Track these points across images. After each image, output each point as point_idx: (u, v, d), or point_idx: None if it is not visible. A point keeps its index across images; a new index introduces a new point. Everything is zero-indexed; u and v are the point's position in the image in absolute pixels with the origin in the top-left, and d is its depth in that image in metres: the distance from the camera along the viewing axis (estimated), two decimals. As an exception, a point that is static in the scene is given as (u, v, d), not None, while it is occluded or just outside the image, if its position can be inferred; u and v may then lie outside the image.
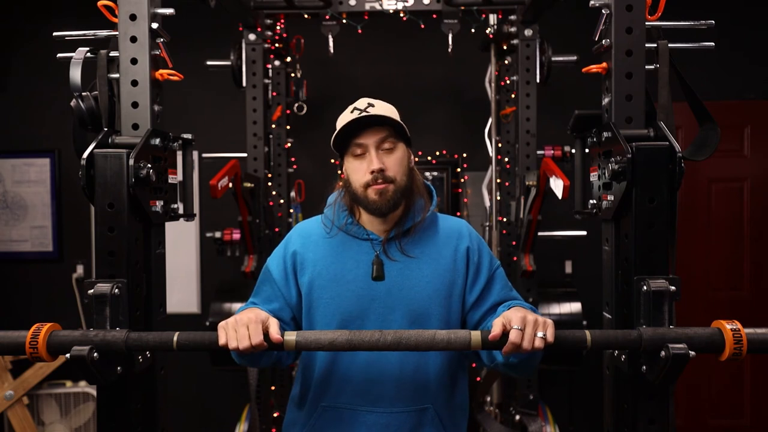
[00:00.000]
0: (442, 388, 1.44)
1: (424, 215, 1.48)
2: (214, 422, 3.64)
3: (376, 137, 1.42)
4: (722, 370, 3.59)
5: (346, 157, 1.47)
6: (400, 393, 1.41)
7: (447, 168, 3.54)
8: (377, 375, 1.40)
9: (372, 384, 1.40)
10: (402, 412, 1.41)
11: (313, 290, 1.44)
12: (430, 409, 1.43)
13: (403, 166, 1.45)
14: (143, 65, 1.36)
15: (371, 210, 1.43)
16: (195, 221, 3.57)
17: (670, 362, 1.15)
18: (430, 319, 1.41)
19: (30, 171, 3.65)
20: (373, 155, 1.41)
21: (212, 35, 3.33)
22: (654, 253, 1.28)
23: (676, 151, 1.26)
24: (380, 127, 1.43)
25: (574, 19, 2.52)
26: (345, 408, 1.42)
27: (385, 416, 1.40)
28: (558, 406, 3.27)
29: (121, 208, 1.28)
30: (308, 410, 1.46)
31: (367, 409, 1.41)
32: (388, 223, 1.46)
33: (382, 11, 2.90)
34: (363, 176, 1.42)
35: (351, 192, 1.46)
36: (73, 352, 1.16)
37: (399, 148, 1.45)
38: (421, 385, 1.42)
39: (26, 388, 3.29)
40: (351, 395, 1.41)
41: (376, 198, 1.41)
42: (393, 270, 1.43)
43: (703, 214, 3.64)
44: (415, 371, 1.41)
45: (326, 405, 1.43)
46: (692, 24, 1.42)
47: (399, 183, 1.43)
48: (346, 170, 1.48)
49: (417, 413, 1.42)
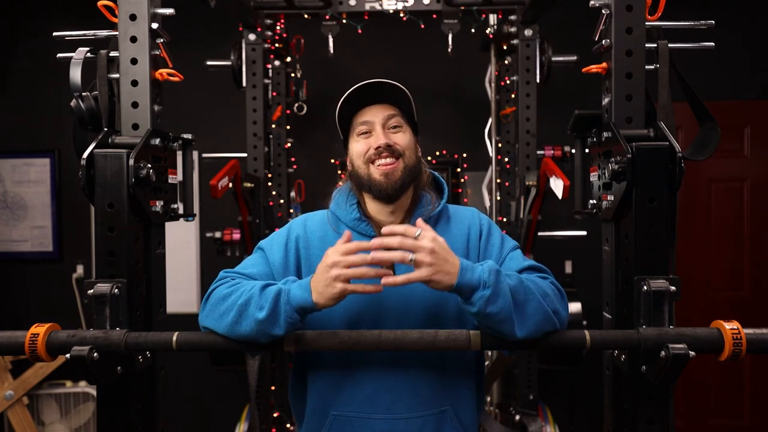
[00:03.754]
0: (462, 388, 1.36)
1: (434, 207, 1.39)
2: (214, 422, 3.64)
3: (382, 114, 1.35)
4: (722, 370, 3.59)
5: (350, 138, 1.39)
6: (417, 398, 1.31)
7: (447, 168, 3.54)
8: (392, 381, 1.31)
9: (386, 390, 1.31)
10: (419, 416, 1.31)
11: None
12: (449, 410, 1.34)
13: (412, 144, 1.37)
14: (143, 65, 1.36)
15: (376, 192, 1.34)
16: (195, 221, 3.57)
17: (670, 362, 1.15)
18: (447, 317, 1.32)
19: (30, 171, 3.65)
20: (379, 131, 1.33)
21: (212, 35, 3.33)
22: (654, 253, 1.28)
23: (676, 151, 1.26)
24: (388, 104, 1.36)
25: (574, 19, 2.52)
26: (356, 417, 1.32)
27: (402, 423, 1.30)
28: (558, 406, 3.27)
29: (121, 208, 1.28)
30: (318, 420, 1.35)
31: (381, 417, 1.31)
32: (395, 213, 1.38)
33: (382, 11, 2.90)
34: (366, 152, 1.33)
35: (355, 176, 1.37)
36: (73, 352, 1.16)
37: (407, 129, 1.38)
38: (440, 387, 1.33)
39: (26, 388, 3.29)
40: (362, 403, 1.31)
41: (382, 179, 1.32)
42: (403, 268, 1.29)
43: (703, 214, 3.64)
44: (434, 373, 1.32)
45: (337, 414, 1.33)
46: (692, 24, 1.42)
47: (408, 161, 1.34)
48: (350, 152, 1.39)
49: (436, 416, 1.32)
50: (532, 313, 1.19)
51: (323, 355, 1.34)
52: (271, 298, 1.18)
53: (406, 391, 1.31)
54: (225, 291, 1.25)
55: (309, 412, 1.38)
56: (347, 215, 1.38)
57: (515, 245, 1.40)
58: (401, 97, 1.37)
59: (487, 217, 1.46)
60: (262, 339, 1.19)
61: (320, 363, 1.35)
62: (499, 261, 1.36)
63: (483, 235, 1.39)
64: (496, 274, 1.17)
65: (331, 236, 1.37)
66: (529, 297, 1.19)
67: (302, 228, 1.40)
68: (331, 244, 1.33)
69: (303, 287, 1.19)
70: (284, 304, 1.17)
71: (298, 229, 1.40)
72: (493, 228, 1.42)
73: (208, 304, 1.27)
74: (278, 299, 1.18)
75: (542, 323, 1.20)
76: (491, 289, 1.14)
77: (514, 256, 1.37)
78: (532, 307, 1.19)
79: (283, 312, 1.17)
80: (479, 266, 1.19)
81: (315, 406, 1.36)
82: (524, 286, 1.20)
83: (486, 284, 1.15)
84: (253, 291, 1.21)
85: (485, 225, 1.41)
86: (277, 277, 1.34)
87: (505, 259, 1.36)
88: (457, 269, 1.16)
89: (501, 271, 1.19)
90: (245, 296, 1.20)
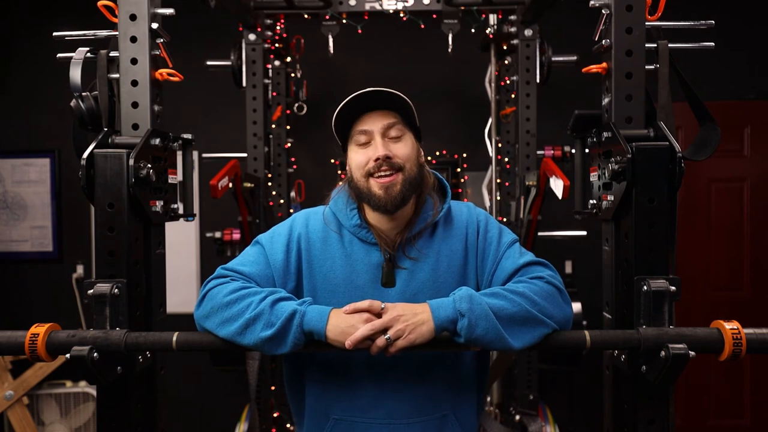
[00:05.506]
0: (463, 392, 1.36)
1: (436, 213, 1.35)
2: (214, 422, 3.64)
3: (382, 123, 1.30)
4: (722, 370, 3.59)
5: (349, 147, 1.35)
6: (417, 402, 1.31)
7: (447, 168, 3.54)
8: (393, 385, 1.30)
9: (388, 395, 1.30)
10: (420, 421, 1.31)
11: (317, 294, 1.32)
12: (450, 415, 1.33)
13: (413, 155, 1.32)
14: (143, 65, 1.36)
15: (375, 206, 1.30)
16: (195, 221, 3.57)
17: (670, 362, 1.15)
18: None
19: (30, 171, 3.65)
20: (379, 142, 1.29)
21: (212, 35, 3.33)
22: (654, 253, 1.28)
23: (676, 151, 1.26)
24: (387, 111, 1.31)
25: (574, 19, 2.52)
26: (358, 421, 1.31)
27: (403, 427, 1.30)
28: (558, 406, 3.27)
29: (121, 208, 1.28)
30: (319, 422, 1.34)
31: (382, 422, 1.30)
32: (397, 221, 1.34)
33: (382, 11, 2.90)
34: (365, 165, 1.29)
35: (354, 186, 1.33)
36: (72, 352, 1.16)
37: (408, 137, 1.33)
38: (441, 392, 1.32)
39: (26, 388, 3.29)
40: (364, 407, 1.30)
41: (381, 193, 1.28)
42: (404, 275, 1.31)
43: (703, 214, 3.64)
44: (435, 377, 1.32)
45: (338, 418, 1.32)
46: (692, 24, 1.42)
47: (408, 173, 1.30)
48: (349, 162, 1.35)
49: (437, 421, 1.32)
50: (521, 323, 1.19)
51: (319, 354, 1.33)
52: (283, 317, 1.17)
53: (407, 396, 1.31)
54: (228, 297, 1.22)
55: (308, 413, 1.37)
56: (348, 221, 1.36)
57: (513, 239, 1.37)
58: (402, 103, 1.32)
59: (484, 212, 1.43)
60: (263, 352, 1.20)
61: (317, 362, 1.34)
62: (497, 260, 1.34)
63: (480, 234, 1.37)
64: (468, 300, 1.17)
65: (331, 237, 1.36)
66: (516, 310, 1.19)
67: (304, 226, 1.38)
68: (333, 247, 1.34)
69: (322, 315, 1.18)
70: (296, 326, 1.17)
71: (300, 227, 1.37)
72: (490, 223, 1.39)
73: (206, 303, 1.25)
74: (291, 320, 1.17)
75: (535, 331, 1.20)
76: (466, 317, 1.16)
77: (511, 254, 1.34)
78: (520, 318, 1.19)
79: (292, 334, 1.17)
80: (450, 298, 1.20)
81: (314, 407, 1.35)
82: (509, 299, 1.20)
83: (462, 313, 1.16)
84: (263, 306, 1.19)
85: (482, 222, 1.38)
86: (277, 278, 1.32)
87: (501, 258, 1.34)
88: (429, 314, 1.17)
89: (474, 295, 1.19)
90: (254, 311, 1.19)
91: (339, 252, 1.34)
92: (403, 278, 1.32)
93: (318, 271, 1.34)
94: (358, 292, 1.30)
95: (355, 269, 1.32)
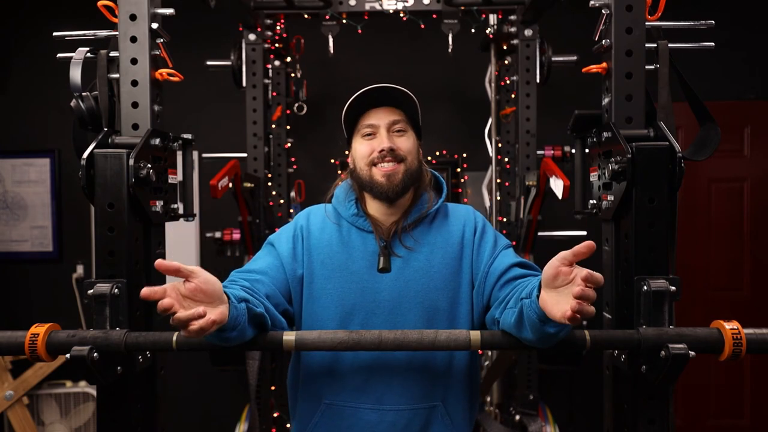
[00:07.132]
0: (453, 384, 1.39)
1: (431, 205, 1.43)
2: (214, 422, 3.64)
3: (388, 118, 1.39)
4: (722, 370, 3.59)
5: (354, 139, 1.43)
6: (406, 391, 1.35)
7: (447, 168, 3.54)
8: (382, 372, 1.35)
9: (377, 381, 1.35)
10: (409, 409, 1.35)
11: (314, 280, 1.38)
12: (440, 406, 1.37)
13: (414, 150, 1.41)
14: (143, 65, 1.36)
15: (377, 193, 1.38)
16: (195, 221, 3.57)
17: (670, 362, 1.15)
18: (439, 311, 1.36)
19: (30, 171, 3.65)
20: (383, 135, 1.37)
21: (212, 35, 3.33)
22: (654, 253, 1.28)
23: (676, 151, 1.26)
24: (393, 108, 1.40)
25: (574, 19, 2.52)
26: (347, 406, 1.36)
27: (391, 414, 1.34)
28: (558, 406, 3.27)
29: (121, 208, 1.28)
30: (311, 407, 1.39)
31: (370, 407, 1.35)
32: (395, 211, 1.42)
33: (382, 11, 2.90)
34: (370, 155, 1.37)
35: (357, 176, 1.41)
36: (73, 352, 1.16)
37: (410, 134, 1.42)
38: (430, 382, 1.36)
39: (26, 388, 3.29)
40: (352, 392, 1.35)
41: (383, 181, 1.36)
42: (399, 262, 1.37)
43: (703, 214, 3.64)
44: (425, 367, 1.36)
45: (329, 402, 1.37)
46: (692, 24, 1.42)
47: (410, 165, 1.38)
48: (353, 153, 1.43)
49: (425, 411, 1.36)
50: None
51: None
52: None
53: (396, 384, 1.35)
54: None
55: (301, 397, 1.41)
56: (346, 210, 1.43)
57: (507, 243, 1.45)
58: (407, 102, 1.41)
59: (483, 216, 1.50)
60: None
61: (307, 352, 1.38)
62: (492, 257, 1.39)
63: (477, 233, 1.43)
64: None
65: (329, 227, 1.43)
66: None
67: (306, 219, 1.46)
68: (330, 235, 1.41)
69: None
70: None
71: (302, 221, 1.46)
72: (488, 227, 1.46)
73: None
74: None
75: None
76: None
77: (507, 253, 1.41)
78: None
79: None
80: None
81: (307, 390, 1.40)
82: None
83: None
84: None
85: (480, 223, 1.45)
86: (286, 265, 1.39)
87: (498, 255, 1.40)
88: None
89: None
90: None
91: (336, 239, 1.41)
92: (398, 265, 1.38)
93: (316, 257, 1.40)
94: (353, 277, 1.37)
95: (351, 256, 1.39)
